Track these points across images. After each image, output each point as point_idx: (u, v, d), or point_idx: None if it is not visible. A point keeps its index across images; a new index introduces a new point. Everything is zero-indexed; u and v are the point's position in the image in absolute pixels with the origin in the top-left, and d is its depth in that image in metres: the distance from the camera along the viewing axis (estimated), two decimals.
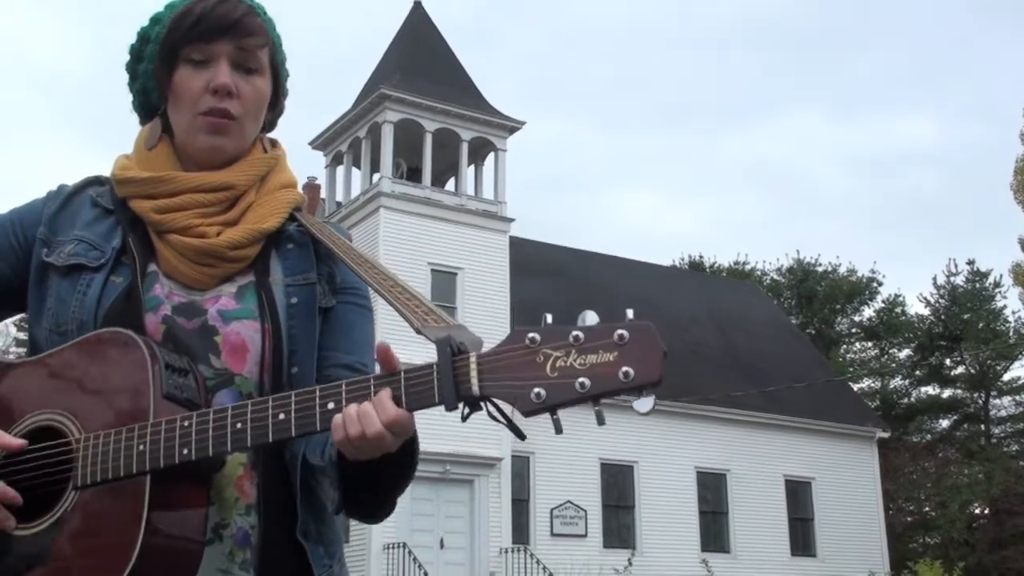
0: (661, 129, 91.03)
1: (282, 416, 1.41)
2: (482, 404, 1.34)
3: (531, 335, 1.31)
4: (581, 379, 1.28)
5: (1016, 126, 74.38)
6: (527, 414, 1.31)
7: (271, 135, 1.85)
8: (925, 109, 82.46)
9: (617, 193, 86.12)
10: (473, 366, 1.32)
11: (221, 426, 1.43)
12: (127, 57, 1.77)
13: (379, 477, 1.49)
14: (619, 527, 26.71)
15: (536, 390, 1.29)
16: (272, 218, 1.70)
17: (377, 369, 1.43)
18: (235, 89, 1.66)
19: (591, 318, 1.31)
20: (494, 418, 1.36)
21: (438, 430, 24.19)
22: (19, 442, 1.51)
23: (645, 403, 1.29)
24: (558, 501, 25.43)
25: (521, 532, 24.78)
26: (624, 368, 1.27)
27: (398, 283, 1.58)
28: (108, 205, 1.72)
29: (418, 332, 1.44)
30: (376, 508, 1.56)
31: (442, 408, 1.35)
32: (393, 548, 22.37)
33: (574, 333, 1.30)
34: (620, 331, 1.29)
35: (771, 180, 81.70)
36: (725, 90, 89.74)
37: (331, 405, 1.40)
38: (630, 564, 22.24)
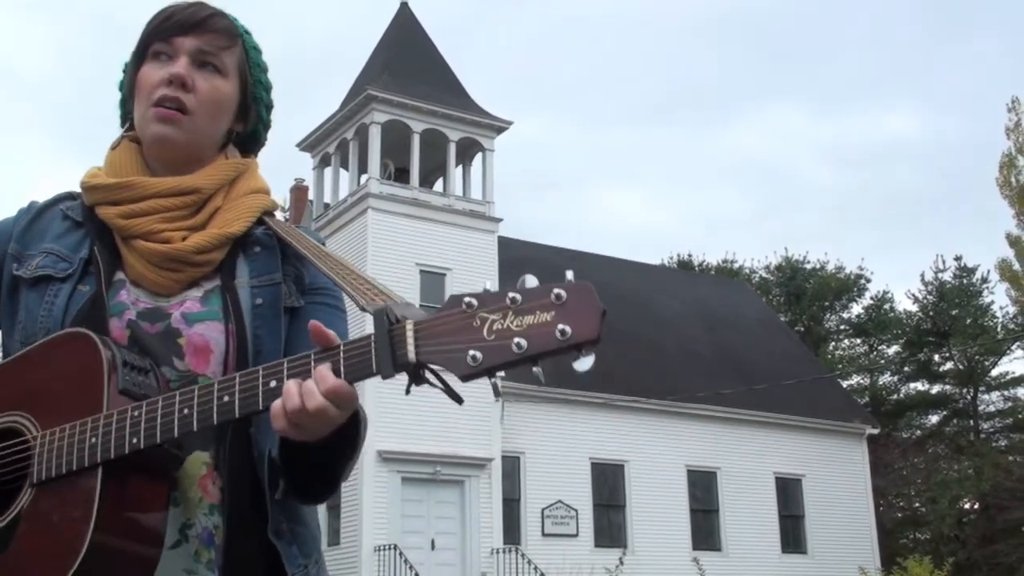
0: (641, 126, 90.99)
1: (226, 398, 1.41)
2: (422, 374, 1.33)
3: (468, 299, 1.31)
4: (517, 339, 1.26)
5: (999, 120, 74.76)
6: (464, 378, 1.30)
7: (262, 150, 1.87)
8: (906, 104, 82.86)
9: (599, 190, 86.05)
10: (409, 333, 1.31)
11: (169, 412, 1.44)
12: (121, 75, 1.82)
13: (327, 456, 1.48)
14: (610, 526, 26.72)
15: (472, 353, 1.28)
16: (239, 222, 1.70)
17: None
18: (191, 83, 1.67)
19: (531, 281, 1.30)
20: (432, 384, 1.35)
21: (429, 431, 24.20)
22: None
23: (585, 362, 1.27)
24: (549, 501, 25.43)
25: (512, 532, 24.77)
26: (561, 326, 1.25)
27: (355, 271, 1.57)
28: (77, 218, 1.73)
29: (362, 310, 1.44)
30: (323, 488, 1.54)
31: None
32: (384, 550, 22.34)
33: (511, 295, 1.29)
34: (557, 291, 1.27)
35: (754, 176, 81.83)
36: (704, 85, 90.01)
37: (273, 383, 1.40)
38: (621, 563, 22.21)
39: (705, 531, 28.07)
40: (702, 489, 28.29)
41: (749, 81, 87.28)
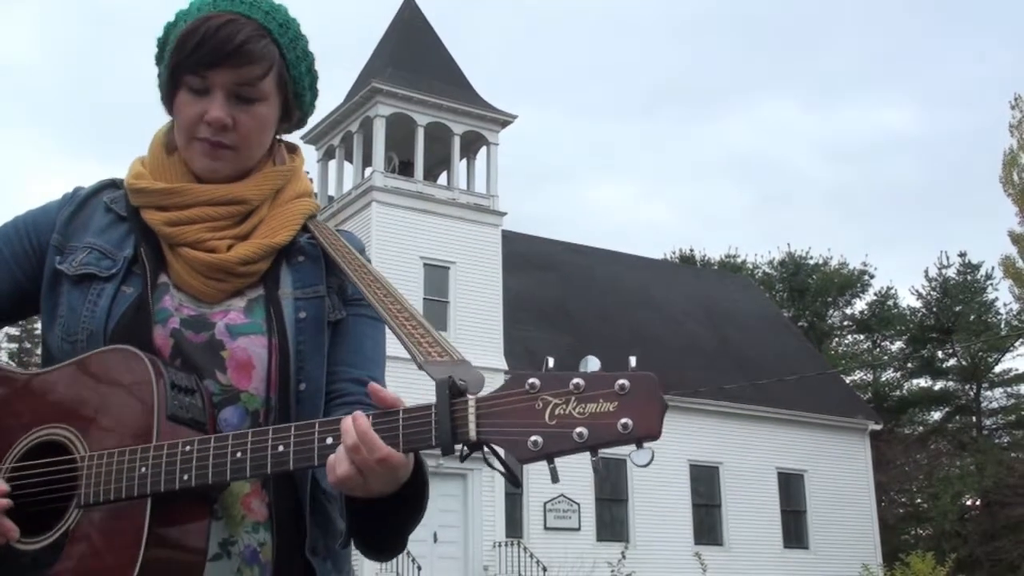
0: (633, 118, 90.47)
1: (281, 448, 1.40)
2: (480, 449, 1.33)
3: (531, 380, 1.30)
4: (579, 429, 1.27)
5: (998, 113, 74.56)
6: (523, 461, 1.30)
7: (298, 133, 1.83)
8: (900, 96, 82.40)
9: (592, 184, 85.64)
10: (471, 410, 1.31)
11: (221, 454, 1.43)
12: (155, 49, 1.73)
13: (386, 515, 1.48)
14: (612, 520, 26.75)
15: (533, 438, 1.28)
16: (284, 231, 1.68)
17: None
18: (231, 122, 1.61)
19: (593, 364, 1.30)
20: (489, 464, 1.35)
21: None
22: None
23: (643, 456, 1.27)
24: (551, 495, 25.44)
25: (514, 526, 24.80)
26: (623, 420, 1.25)
27: (405, 307, 1.56)
28: (121, 212, 1.70)
29: (420, 367, 1.42)
30: (382, 545, 1.54)
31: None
32: None
33: (575, 380, 1.28)
34: (621, 381, 1.27)
35: (749, 170, 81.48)
36: (697, 78, 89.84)
37: (329, 440, 1.39)
38: (623, 557, 22.26)
39: (707, 526, 28.10)
40: (704, 484, 28.30)
41: (742, 74, 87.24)
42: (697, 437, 27.66)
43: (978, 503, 38.64)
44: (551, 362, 1.32)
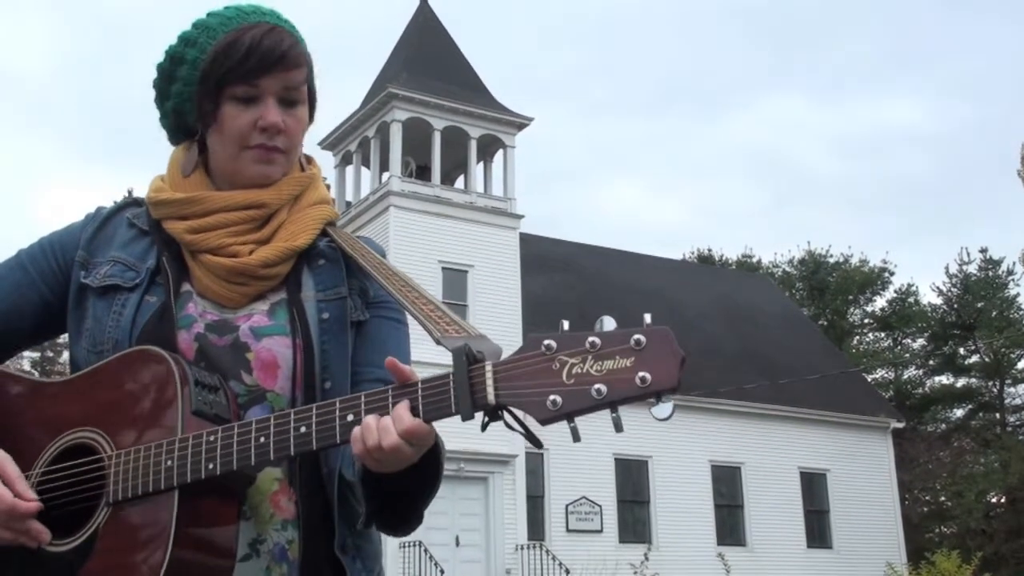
0: (644, 117, 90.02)
1: (303, 429, 1.42)
2: (500, 413, 1.33)
3: (547, 342, 1.30)
4: (597, 385, 1.27)
5: (1011, 106, 73.95)
6: (543, 422, 1.30)
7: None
8: (909, 91, 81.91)
9: (605, 184, 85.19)
10: (489, 375, 1.32)
11: (245, 440, 1.45)
12: (154, 75, 1.75)
13: (406, 489, 1.49)
14: (634, 522, 26.70)
15: (552, 397, 1.28)
16: (304, 235, 1.71)
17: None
18: (283, 127, 1.68)
19: (608, 323, 1.30)
20: (511, 427, 1.35)
21: (451, 428, 23.97)
22: (33, 504, 1.52)
23: (664, 409, 1.26)
24: (573, 497, 25.43)
25: (536, 529, 24.79)
26: (641, 373, 1.25)
27: (424, 295, 1.58)
28: (144, 226, 1.74)
29: (437, 343, 1.44)
30: (403, 520, 1.57)
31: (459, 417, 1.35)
32: (409, 547, 22.40)
33: (590, 339, 1.29)
34: (637, 336, 1.27)
35: (761, 167, 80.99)
36: (708, 75, 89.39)
37: (350, 417, 1.40)
38: (646, 559, 22.17)
39: (729, 526, 28.02)
40: (726, 484, 28.23)
41: (753, 70, 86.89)
42: (718, 438, 27.60)
43: (1003, 500, 38.39)
44: (566, 324, 1.32)
